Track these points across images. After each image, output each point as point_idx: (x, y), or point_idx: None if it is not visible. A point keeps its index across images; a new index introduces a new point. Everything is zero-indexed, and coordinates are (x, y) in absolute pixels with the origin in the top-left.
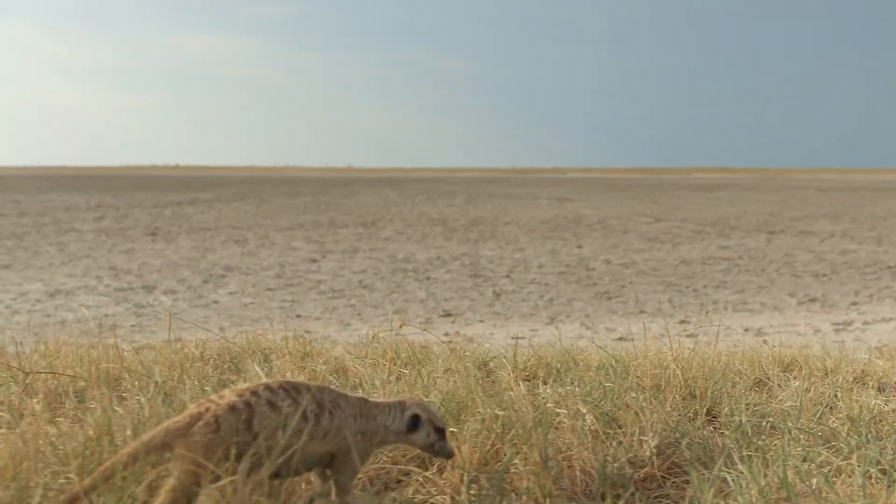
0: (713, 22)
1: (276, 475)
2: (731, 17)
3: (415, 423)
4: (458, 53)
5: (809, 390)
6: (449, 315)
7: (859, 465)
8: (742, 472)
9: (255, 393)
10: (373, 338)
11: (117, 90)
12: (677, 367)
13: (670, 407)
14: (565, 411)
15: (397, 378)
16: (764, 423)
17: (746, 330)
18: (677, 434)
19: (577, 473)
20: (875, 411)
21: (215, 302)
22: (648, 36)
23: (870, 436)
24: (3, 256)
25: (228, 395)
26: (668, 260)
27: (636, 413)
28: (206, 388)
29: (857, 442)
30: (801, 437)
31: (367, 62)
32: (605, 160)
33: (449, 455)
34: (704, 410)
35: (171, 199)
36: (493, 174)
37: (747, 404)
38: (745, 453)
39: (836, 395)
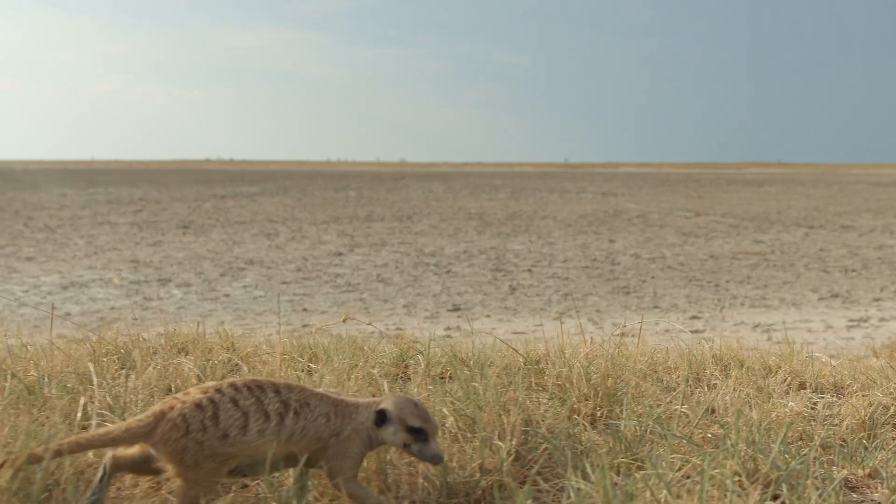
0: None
1: (244, 474)
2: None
3: (381, 418)
4: (513, 48)
5: (736, 391)
6: (457, 309)
7: (733, 476)
8: (584, 485)
9: (219, 390)
10: (315, 331)
11: (174, 85)
12: (582, 366)
13: (570, 408)
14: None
15: (297, 377)
16: (646, 427)
17: (756, 326)
18: (540, 439)
19: (420, 481)
20: (773, 417)
21: (226, 295)
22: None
23: (751, 443)
24: (30, 248)
25: (193, 393)
26: (698, 255)
27: (498, 415)
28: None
29: (733, 450)
30: (685, 443)
31: (423, 57)
32: (661, 155)
33: (433, 458)
34: (604, 412)
35: (216, 192)
36: (546, 169)
37: (650, 406)
38: (619, 461)
39: (748, 398)
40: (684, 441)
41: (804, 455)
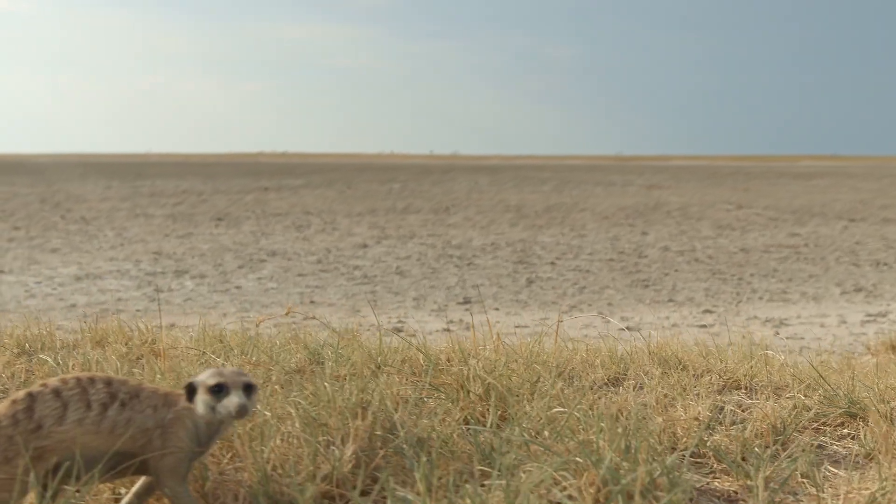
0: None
1: (67, 476)
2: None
3: (190, 391)
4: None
5: (653, 392)
6: (467, 302)
7: (589, 488)
8: (412, 496)
9: (45, 384)
10: (257, 325)
11: (229, 79)
12: (478, 363)
13: (461, 409)
14: (269, 413)
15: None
16: (510, 434)
17: (768, 321)
18: (392, 446)
19: (243, 491)
20: (660, 423)
21: (237, 287)
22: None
23: (623, 450)
24: (59, 240)
25: (22, 391)
26: (729, 248)
27: (347, 418)
28: None
29: (595, 459)
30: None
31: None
32: (715, 148)
33: (237, 410)
34: (498, 415)
35: (260, 185)
36: (597, 162)
37: (541, 409)
38: (477, 468)
39: (663, 400)
40: (547, 449)
41: (659, 464)
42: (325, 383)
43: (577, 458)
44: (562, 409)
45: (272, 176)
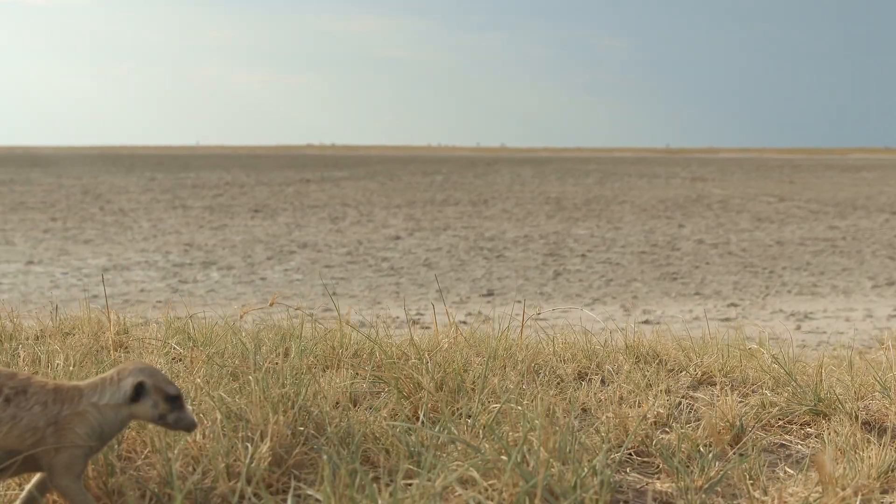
0: None
1: None
2: None
3: (139, 391)
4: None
5: (617, 388)
6: (490, 294)
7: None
8: (321, 495)
9: None
10: (241, 316)
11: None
12: (432, 357)
13: (411, 404)
14: (191, 407)
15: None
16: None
17: (792, 314)
18: (317, 443)
19: (151, 488)
20: (607, 420)
21: (262, 279)
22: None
23: (554, 451)
24: (93, 231)
25: None
26: (765, 240)
27: (263, 411)
28: None
29: (519, 458)
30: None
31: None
32: (764, 140)
33: (190, 426)
34: (448, 409)
35: (304, 177)
36: (644, 154)
37: (487, 403)
38: (405, 466)
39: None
40: (474, 449)
41: (587, 464)
42: (251, 376)
43: (503, 457)
44: (500, 405)
45: (317, 168)
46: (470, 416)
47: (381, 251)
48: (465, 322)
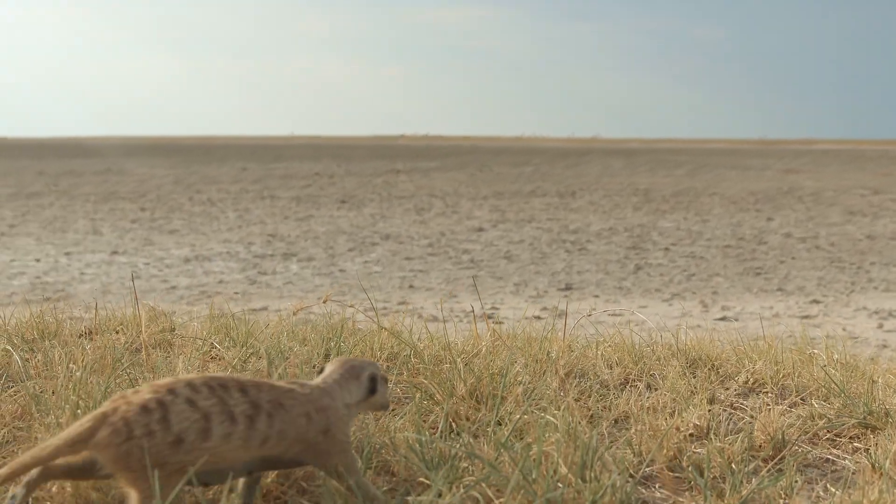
0: None
1: (204, 483)
2: None
3: (374, 384)
4: (713, 21)
5: (659, 395)
6: (568, 288)
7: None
8: None
9: (172, 390)
10: (295, 313)
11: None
12: (463, 360)
13: (448, 412)
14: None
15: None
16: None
17: (876, 312)
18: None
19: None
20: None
21: (341, 270)
22: None
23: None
24: (180, 222)
25: (143, 392)
26: (856, 235)
27: None
28: None
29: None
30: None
31: (617, 32)
32: (865, 132)
33: (388, 406)
34: (478, 418)
35: (393, 167)
36: (739, 146)
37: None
38: (419, 479)
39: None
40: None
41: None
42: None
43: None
44: (519, 416)
45: (408, 158)
46: (501, 424)
47: (462, 243)
48: (538, 317)
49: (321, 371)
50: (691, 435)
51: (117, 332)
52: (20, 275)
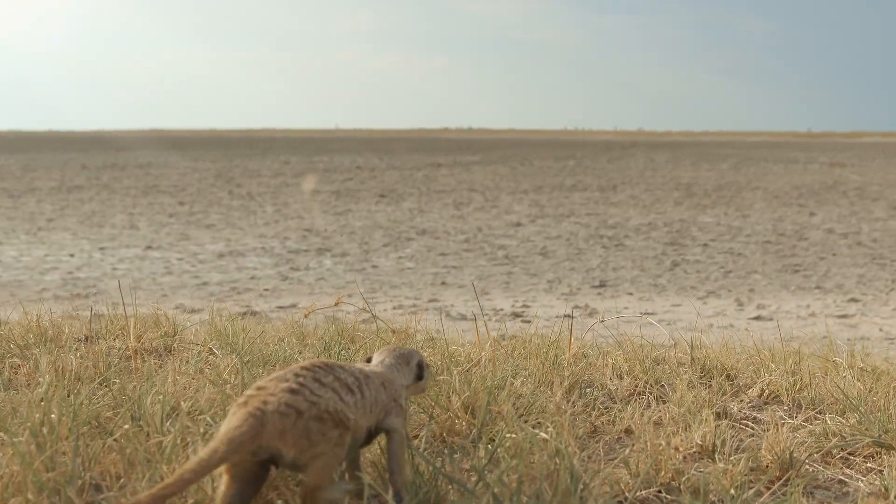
0: None
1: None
2: None
3: (421, 370)
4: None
5: (665, 408)
6: (602, 286)
7: None
8: None
9: (297, 374)
10: (306, 315)
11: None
12: (460, 371)
13: (436, 424)
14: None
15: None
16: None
17: None
18: None
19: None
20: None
21: (374, 266)
22: None
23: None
24: (218, 216)
25: (270, 387)
26: None
27: None
28: None
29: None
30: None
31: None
32: None
33: (426, 390)
34: (473, 434)
35: (435, 161)
36: (784, 139)
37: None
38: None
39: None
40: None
41: None
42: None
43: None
44: (498, 441)
45: (449, 152)
46: (494, 440)
47: (499, 238)
48: (569, 315)
49: (369, 360)
50: (696, 453)
51: (116, 339)
52: (53, 270)
